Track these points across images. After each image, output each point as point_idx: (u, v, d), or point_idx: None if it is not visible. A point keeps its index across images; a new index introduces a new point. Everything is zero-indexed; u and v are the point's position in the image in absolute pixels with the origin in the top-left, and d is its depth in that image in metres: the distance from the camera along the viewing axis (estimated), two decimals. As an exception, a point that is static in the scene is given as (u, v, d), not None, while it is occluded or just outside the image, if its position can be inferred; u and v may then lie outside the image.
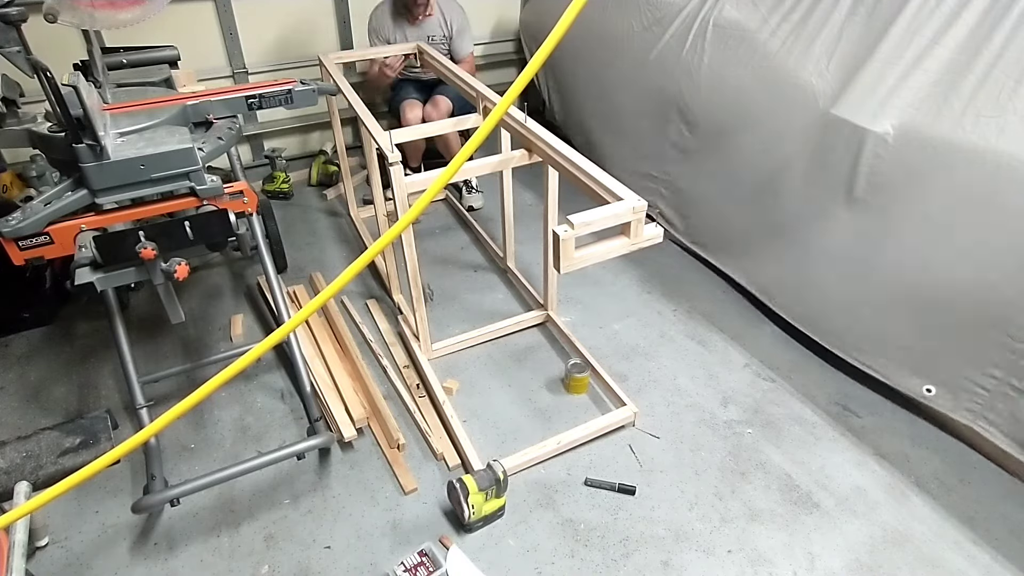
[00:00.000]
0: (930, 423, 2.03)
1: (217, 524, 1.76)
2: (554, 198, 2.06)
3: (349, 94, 2.37)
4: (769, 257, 2.39)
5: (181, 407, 0.95)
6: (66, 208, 1.54)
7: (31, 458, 1.83)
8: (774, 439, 1.99)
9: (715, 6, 2.48)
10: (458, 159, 0.94)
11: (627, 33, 2.86)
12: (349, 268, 0.97)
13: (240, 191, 1.73)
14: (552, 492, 1.83)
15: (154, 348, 2.37)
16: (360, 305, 2.60)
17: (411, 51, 2.93)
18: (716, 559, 1.66)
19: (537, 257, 2.73)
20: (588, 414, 2.08)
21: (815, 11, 2.13)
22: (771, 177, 2.27)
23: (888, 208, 1.89)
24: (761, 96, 2.25)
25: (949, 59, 1.76)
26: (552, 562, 1.65)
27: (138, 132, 1.65)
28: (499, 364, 2.30)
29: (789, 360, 2.29)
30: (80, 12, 1.66)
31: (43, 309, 2.49)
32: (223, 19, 3.28)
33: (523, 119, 1.96)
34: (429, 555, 1.61)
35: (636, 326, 2.47)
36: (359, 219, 3.12)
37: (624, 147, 3.02)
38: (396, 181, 1.91)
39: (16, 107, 1.69)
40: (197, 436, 2.02)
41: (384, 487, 1.86)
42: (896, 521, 1.75)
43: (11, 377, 2.26)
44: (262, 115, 3.63)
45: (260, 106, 1.96)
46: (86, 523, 1.77)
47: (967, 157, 1.67)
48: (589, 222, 1.41)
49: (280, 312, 2.03)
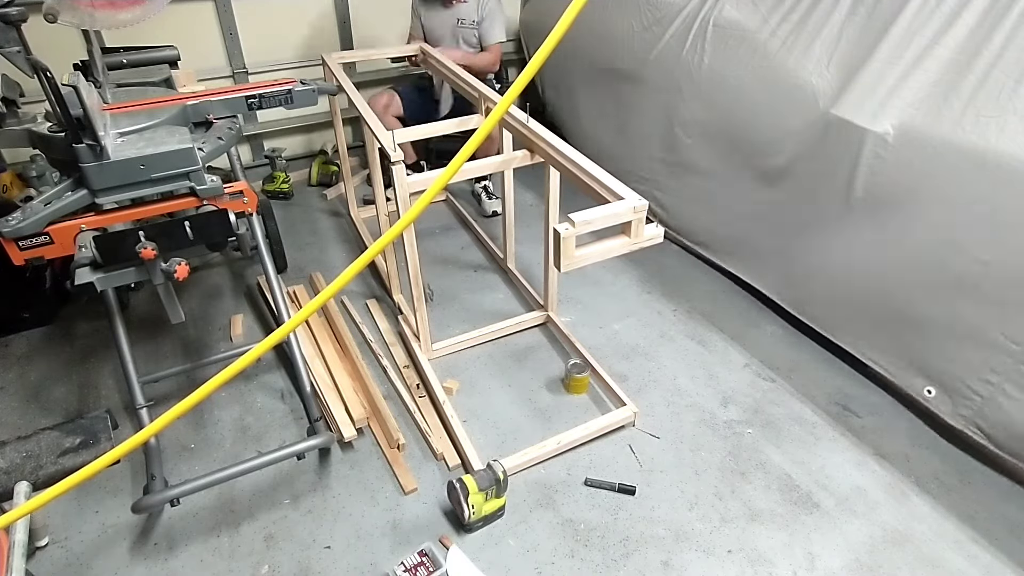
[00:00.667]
0: (930, 423, 2.03)
1: (217, 524, 1.76)
2: (555, 198, 2.06)
3: (352, 93, 2.37)
4: (772, 256, 2.39)
5: (181, 407, 0.95)
6: (66, 208, 1.54)
7: (31, 458, 1.83)
8: (774, 439, 1.99)
9: (715, 6, 2.48)
10: (458, 159, 0.94)
11: (627, 33, 2.86)
12: (349, 268, 0.97)
13: (240, 191, 1.73)
14: (552, 492, 1.83)
15: (154, 348, 2.37)
16: (360, 305, 2.60)
17: (414, 52, 2.93)
18: (716, 559, 1.66)
19: (537, 257, 2.73)
20: (588, 414, 2.08)
21: (815, 11, 2.13)
22: (771, 177, 2.27)
23: (888, 208, 1.89)
24: (761, 96, 2.25)
25: (949, 59, 1.76)
26: (552, 562, 1.65)
27: (138, 132, 1.65)
28: (499, 364, 2.30)
29: (789, 360, 2.29)
30: (80, 12, 1.66)
31: (43, 309, 2.49)
32: (223, 19, 3.28)
33: (525, 119, 1.96)
34: (429, 555, 1.61)
35: (636, 326, 2.47)
36: (359, 219, 3.12)
37: (624, 147, 3.02)
38: (398, 180, 1.91)
39: (16, 107, 1.69)
40: (197, 436, 2.02)
41: (384, 487, 1.86)
42: (896, 521, 1.75)
43: (11, 377, 2.26)
44: (262, 115, 3.64)
45: (260, 106, 1.96)
46: (86, 523, 1.77)
47: (967, 157, 1.67)
48: (590, 220, 1.41)
49: (280, 312, 2.03)
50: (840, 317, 2.17)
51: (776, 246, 2.35)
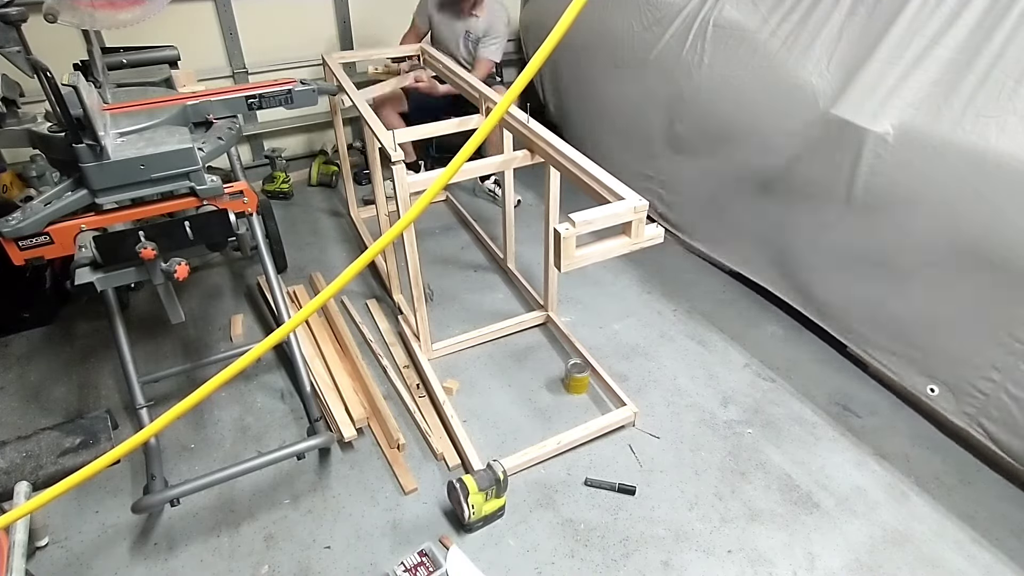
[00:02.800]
0: (930, 423, 2.03)
1: (217, 524, 1.76)
2: (555, 198, 2.06)
3: (352, 93, 2.37)
4: (772, 255, 2.39)
5: (181, 407, 0.95)
6: (66, 208, 1.54)
7: (31, 458, 1.83)
8: (774, 439, 1.99)
9: (715, 6, 2.48)
10: (458, 159, 0.94)
11: (627, 33, 2.86)
12: (349, 268, 0.97)
13: (240, 191, 1.73)
14: (552, 492, 1.83)
15: (154, 348, 2.37)
16: (360, 305, 2.60)
17: (415, 53, 2.93)
18: (716, 559, 1.66)
19: (537, 257, 2.73)
20: (588, 414, 2.08)
21: (815, 11, 2.13)
22: (771, 177, 2.27)
23: (888, 208, 1.89)
24: (761, 96, 2.25)
25: (949, 59, 1.76)
26: (552, 562, 1.65)
27: (138, 132, 1.65)
28: (499, 364, 2.30)
29: (789, 360, 2.29)
30: (80, 12, 1.66)
31: (43, 309, 2.49)
32: (223, 19, 3.28)
33: (525, 119, 1.96)
34: (429, 555, 1.61)
35: (636, 326, 2.47)
36: (359, 219, 3.12)
37: (624, 147, 3.02)
38: (398, 180, 1.91)
39: (16, 107, 1.69)
40: (197, 436, 2.02)
41: (384, 487, 1.86)
42: (896, 521, 1.75)
43: (11, 377, 2.26)
44: (262, 115, 3.63)
45: (260, 106, 1.96)
46: (86, 523, 1.77)
47: (967, 157, 1.67)
48: (590, 220, 1.41)
49: (280, 312, 2.03)
50: (843, 315, 2.17)
51: (776, 245, 2.34)
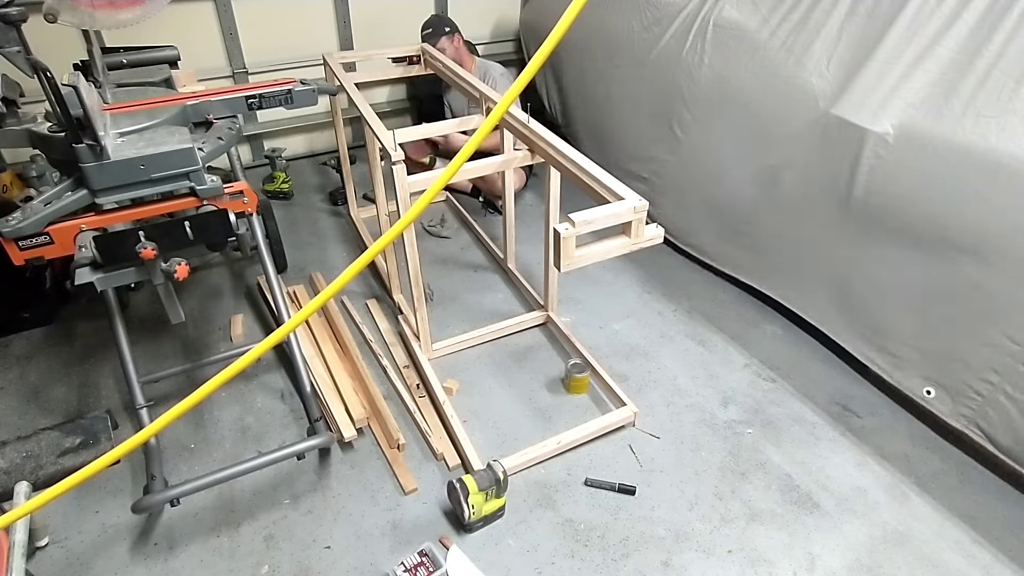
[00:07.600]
0: (930, 424, 2.03)
1: (217, 524, 1.76)
2: (555, 198, 2.06)
3: (352, 93, 2.37)
4: (771, 256, 2.39)
5: (181, 407, 0.95)
6: (66, 208, 1.54)
7: (31, 458, 1.83)
8: (774, 439, 1.99)
9: (715, 6, 2.48)
10: (459, 159, 0.94)
11: (627, 33, 2.85)
12: (349, 268, 0.97)
13: (240, 191, 1.73)
14: (552, 492, 1.83)
15: (154, 348, 2.36)
16: (360, 305, 2.60)
17: (415, 52, 2.93)
18: (716, 559, 1.66)
19: (537, 257, 2.73)
20: (588, 414, 2.08)
21: (815, 11, 2.13)
22: (771, 177, 2.27)
23: (888, 208, 1.89)
24: (761, 96, 2.25)
25: (949, 59, 1.76)
26: (552, 562, 1.65)
27: (138, 132, 1.65)
28: (499, 364, 2.30)
29: (789, 360, 2.29)
30: (80, 12, 1.66)
31: (43, 309, 2.49)
32: (223, 19, 3.28)
33: (525, 119, 1.96)
34: (429, 555, 1.61)
35: (636, 326, 2.47)
36: (359, 219, 3.11)
37: (624, 147, 3.02)
38: (398, 180, 1.91)
39: (16, 107, 1.69)
40: (197, 436, 2.02)
41: (384, 487, 1.86)
42: (896, 521, 1.75)
43: (11, 377, 2.26)
44: (262, 115, 3.64)
45: (260, 106, 1.95)
46: (86, 523, 1.77)
47: (967, 157, 1.67)
48: (590, 220, 1.41)
49: (280, 312, 2.03)
50: (840, 317, 2.17)
51: (775, 246, 2.34)
